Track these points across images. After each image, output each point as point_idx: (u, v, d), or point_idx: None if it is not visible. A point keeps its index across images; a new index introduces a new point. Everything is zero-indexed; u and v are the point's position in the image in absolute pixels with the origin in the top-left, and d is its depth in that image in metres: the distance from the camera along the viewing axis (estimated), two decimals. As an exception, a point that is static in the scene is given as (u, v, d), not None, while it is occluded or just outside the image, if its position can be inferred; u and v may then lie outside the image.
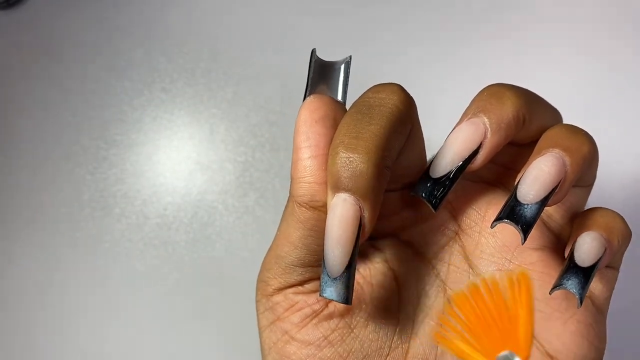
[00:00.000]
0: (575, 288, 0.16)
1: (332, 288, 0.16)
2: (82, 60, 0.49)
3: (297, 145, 0.17)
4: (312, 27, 0.48)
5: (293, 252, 0.18)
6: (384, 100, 0.16)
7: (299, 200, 0.17)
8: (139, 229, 0.44)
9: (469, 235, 0.19)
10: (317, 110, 0.17)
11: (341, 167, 0.15)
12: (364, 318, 0.19)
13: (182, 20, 0.49)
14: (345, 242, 0.16)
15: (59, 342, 0.43)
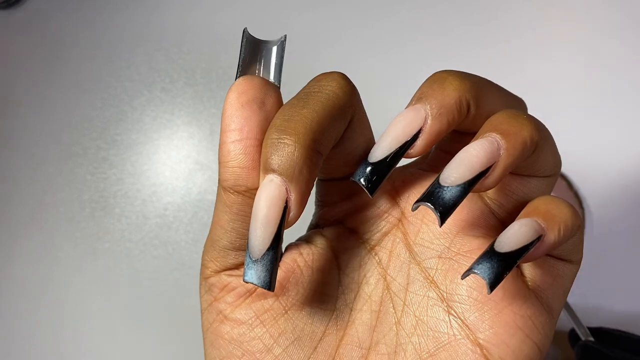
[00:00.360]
0: (486, 273, 0.15)
1: (253, 271, 0.16)
2: (82, 60, 0.49)
3: (222, 128, 0.17)
4: (313, 27, 0.48)
5: (224, 236, 0.18)
6: (322, 87, 0.16)
7: (224, 184, 0.17)
8: (139, 229, 0.44)
9: (411, 222, 0.19)
10: (245, 93, 0.16)
11: (271, 148, 0.15)
12: (299, 301, 0.19)
13: (182, 21, 0.49)
14: (268, 223, 0.15)
15: (59, 341, 0.43)
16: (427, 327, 0.18)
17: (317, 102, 0.16)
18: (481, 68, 0.46)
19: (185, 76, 0.48)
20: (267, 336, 0.18)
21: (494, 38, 0.47)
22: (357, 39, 0.48)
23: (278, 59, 0.18)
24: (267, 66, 0.18)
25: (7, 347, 0.43)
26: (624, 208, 0.42)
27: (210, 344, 0.20)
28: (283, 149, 0.15)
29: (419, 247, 0.19)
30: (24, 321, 0.43)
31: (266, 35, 0.20)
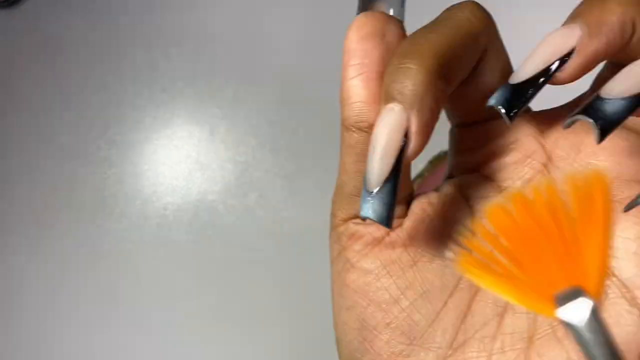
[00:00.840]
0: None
1: (369, 205, 0.15)
2: (81, 61, 0.49)
3: (344, 64, 0.15)
4: (313, 27, 0.48)
5: (349, 181, 0.17)
6: (454, 14, 0.15)
7: (346, 123, 0.16)
8: (139, 229, 0.44)
9: (559, 168, 0.17)
10: (364, 26, 0.15)
11: (391, 75, 0.14)
12: (430, 253, 0.17)
13: (182, 21, 0.49)
14: (385, 153, 0.14)
15: (58, 341, 0.43)
16: None
17: (446, 27, 0.15)
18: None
19: (185, 76, 0.48)
20: (393, 287, 0.17)
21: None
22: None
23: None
24: (391, 4, 0.17)
25: (6, 347, 0.43)
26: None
27: (337, 292, 0.18)
28: (404, 74, 0.14)
29: None
30: (24, 321, 0.43)
31: (266, 36, 0.20)
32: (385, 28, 0.16)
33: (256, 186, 0.45)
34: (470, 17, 0.15)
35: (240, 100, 0.47)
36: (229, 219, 0.44)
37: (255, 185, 0.45)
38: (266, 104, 0.46)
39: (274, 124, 0.46)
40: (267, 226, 0.44)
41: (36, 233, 0.45)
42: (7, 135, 0.47)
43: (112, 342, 0.43)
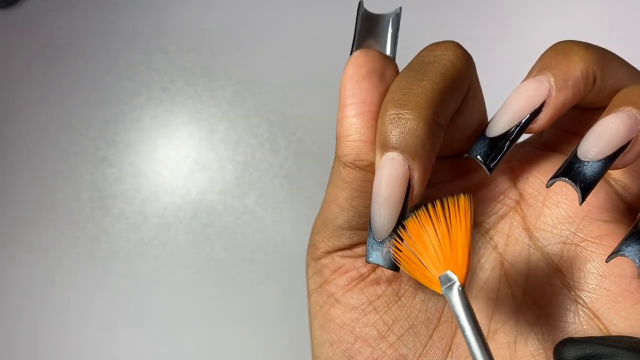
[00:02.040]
0: (636, 255, 0.14)
1: (378, 252, 0.15)
2: (81, 60, 0.49)
3: (343, 102, 0.16)
4: (312, 26, 0.48)
5: (340, 215, 0.17)
6: (438, 57, 0.15)
7: (344, 159, 0.16)
8: (138, 229, 0.44)
9: (530, 205, 0.18)
10: (364, 65, 0.16)
11: (390, 124, 0.15)
12: (413, 287, 0.18)
13: (181, 20, 0.49)
14: (393, 203, 0.15)
15: (58, 341, 0.43)
16: (551, 316, 0.17)
17: (436, 73, 0.15)
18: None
19: (184, 76, 0.48)
20: (380, 323, 0.17)
21: (494, 38, 0.47)
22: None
23: (393, 32, 0.17)
24: (383, 39, 0.17)
25: (6, 347, 0.43)
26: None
27: (319, 327, 0.18)
28: (405, 125, 0.14)
29: (540, 232, 0.18)
30: (23, 321, 0.43)
31: (266, 35, 0.20)
32: (384, 68, 0.16)
33: (256, 186, 0.45)
34: (454, 60, 0.15)
35: (240, 100, 0.47)
36: (228, 219, 0.44)
37: (255, 185, 0.45)
38: (266, 104, 0.46)
39: (274, 124, 0.46)
40: (266, 226, 0.44)
41: (34, 232, 0.45)
42: (6, 135, 0.47)
43: (111, 341, 0.43)
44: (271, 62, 0.47)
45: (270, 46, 0.48)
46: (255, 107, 0.46)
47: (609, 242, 0.17)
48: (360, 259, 0.18)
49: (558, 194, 0.17)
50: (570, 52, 0.15)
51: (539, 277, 0.18)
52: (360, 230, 0.18)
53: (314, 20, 0.48)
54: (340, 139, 0.16)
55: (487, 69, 0.46)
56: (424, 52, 0.16)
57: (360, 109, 0.16)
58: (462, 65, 0.16)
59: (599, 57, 0.15)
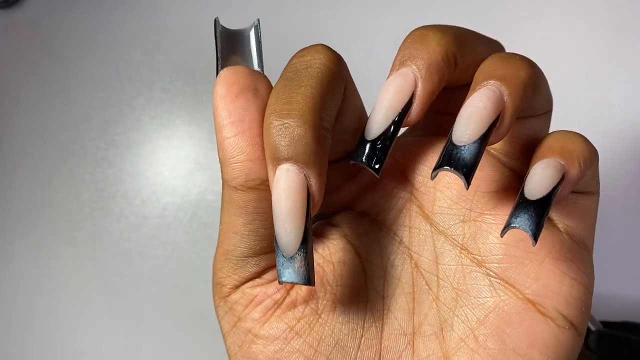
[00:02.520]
0: (527, 225, 0.14)
1: (291, 270, 0.15)
2: (81, 61, 0.49)
3: (220, 124, 0.15)
4: (312, 26, 0.48)
5: (241, 242, 0.16)
6: (310, 62, 0.15)
7: (234, 183, 0.15)
8: (138, 229, 0.44)
9: (423, 192, 0.18)
10: (235, 83, 0.15)
11: (277, 136, 0.14)
12: (330, 301, 0.17)
13: (181, 20, 0.49)
14: (295, 215, 0.14)
15: (57, 341, 0.43)
16: (469, 295, 0.17)
17: (312, 78, 0.15)
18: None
19: (184, 76, 0.48)
20: (306, 347, 0.17)
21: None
22: (372, 39, 0.48)
23: (257, 45, 0.17)
24: (248, 54, 0.17)
25: (6, 347, 0.43)
26: (624, 208, 0.42)
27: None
28: (292, 133, 0.14)
29: (438, 216, 0.18)
30: (23, 321, 0.43)
31: (265, 35, 0.20)
32: (255, 83, 0.16)
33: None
34: (326, 62, 0.15)
35: (240, 100, 0.47)
36: (228, 219, 0.44)
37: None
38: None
39: (273, 124, 0.46)
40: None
41: (34, 233, 0.45)
42: (6, 135, 0.47)
43: (110, 341, 0.43)
44: (271, 62, 0.47)
45: (270, 46, 0.48)
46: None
47: (504, 210, 0.17)
48: (271, 285, 0.17)
49: (446, 177, 0.18)
50: (426, 39, 0.15)
51: (448, 260, 0.18)
52: (266, 254, 0.17)
53: (314, 20, 0.48)
54: (225, 162, 0.15)
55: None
56: (294, 59, 0.16)
57: (240, 128, 0.15)
58: (335, 67, 0.16)
59: (455, 37, 0.16)
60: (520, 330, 0.16)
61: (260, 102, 0.15)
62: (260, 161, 0.15)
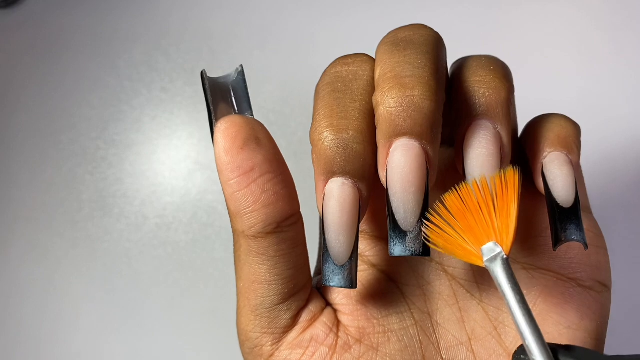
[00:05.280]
0: (578, 235, 0.15)
1: (340, 276, 0.15)
2: (81, 60, 0.49)
3: (227, 177, 0.15)
4: (312, 26, 0.48)
5: (269, 290, 0.16)
6: (357, 73, 0.16)
7: (252, 232, 0.15)
8: (138, 229, 0.44)
9: None
10: (237, 135, 0.15)
11: (334, 151, 0.15)
12: (381, 333, 0.17)
13: (181, 20, 0.49)
14: (350, 228, 0.15)
15: (57, 341, 0.43)
16: (496, 296, 0.18)
17: (363, 92, 0.16)
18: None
19: (184, 76, 0.48)
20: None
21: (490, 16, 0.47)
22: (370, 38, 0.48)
23: (244, 91, 0.17)
24: (238, 101, 0.17)
25: (5, 347, 0.43)
26: (624, 208, 0.42)
27: None
28: (351, 148, 0.15)
29: None
30: (23, 321, 0.43)
31: (266, 35, 0.20)
32: (255, 131, 0.16)
33: (256, 186, 0.45)
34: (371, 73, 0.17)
35: (240, 100, 0.47)
36: (228, 219, 0.44)
37: (255, 185, 0.45)
38: (266, 104, 0.46)
39: (273, 124, 0.46)
40: (266, 226, 0.44)
41: (34, 233, 0.45)
42: (6, 135, 0.47)
43: (110, 341, 0.43)
44: (271, 62, 0.47)
45: (270, 46, 0.48)
46: (255, 107, 0.46)
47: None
48: (316, 326, 0.17)
49: None
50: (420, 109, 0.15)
51: (477, 268, 0.18)
52: (294, 295, 0.17)
53: (314, 20, 0.48)
54: (238, 214, 0.15)
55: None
56: (336, 66, 0.17)
57: (252, 178, 0.15)
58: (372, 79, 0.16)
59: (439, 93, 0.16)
60: (569, 307, 0.17)
61: (264, 150, 0.16)
62: (274, 205, 0.15)
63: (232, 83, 0.17)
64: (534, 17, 0.47)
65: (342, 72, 0.16)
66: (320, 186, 0.15)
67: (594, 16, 0.47)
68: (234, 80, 0.17)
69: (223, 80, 0.17)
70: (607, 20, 0.47)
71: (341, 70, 0.16)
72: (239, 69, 0.17)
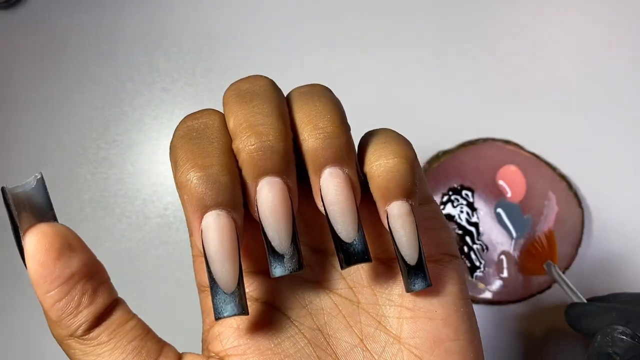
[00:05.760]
0: (425, 284, 0.17)
1: (233, 304, 0.16)
2: (82, 60, 0.49)
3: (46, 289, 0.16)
4: (312, 26, 0.48)
5: None
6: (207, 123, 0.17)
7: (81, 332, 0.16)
8: (140, 229, 0.44)
9: None
10: (51, 246, 0.16)
11: (204, 186, 0.15)
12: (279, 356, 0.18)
13: (182, 21, 0.49)
14: (233, 254, 0.16)
15: (59, 341, 0.43)
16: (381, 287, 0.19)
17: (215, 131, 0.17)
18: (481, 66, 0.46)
19: (185, 76, 0.48)
20: None
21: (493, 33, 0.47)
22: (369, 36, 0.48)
23: (44, 197, 0.17)
24: (39, 207, 0.17)
25: (6, 347, 0.43)
26: (624, 208, 0.42)
27: None
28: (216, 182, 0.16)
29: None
30: (23, 321, 0.43)
31: (266, 35, 0.20)
32: (66, 237, 0.16)
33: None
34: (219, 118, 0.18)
35: (241, 100, 0.47)
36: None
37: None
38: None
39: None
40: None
41: (36, 233, 0.45)
42: (7, 135, 0.47)
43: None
44: (271, 62, 0.48)
45: (271, 46, 0.48)
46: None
47: None
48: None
49: None
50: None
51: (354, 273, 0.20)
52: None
53: (315, 21, 0.48)
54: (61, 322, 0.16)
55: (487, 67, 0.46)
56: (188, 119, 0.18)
57: (69, 287, 0.16)
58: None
59: None
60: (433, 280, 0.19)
61: (78, 254, 0.16)
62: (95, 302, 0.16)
63: (32, 190, 0.17)
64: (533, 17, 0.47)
65: (193, 124, 0.17)
66: (195, 224, 0.16)
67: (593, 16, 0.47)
68: (33, 187, 0.17)
69: (22, 189, 0.17)
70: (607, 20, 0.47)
71: (192, 123, 0.17)
72: (37, 175, 0.17)
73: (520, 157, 0.42)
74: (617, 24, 0.47)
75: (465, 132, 0.43)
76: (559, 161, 0.42)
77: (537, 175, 0.41)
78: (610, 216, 0.42)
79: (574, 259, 0.40)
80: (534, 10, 0.48)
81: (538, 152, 0.42)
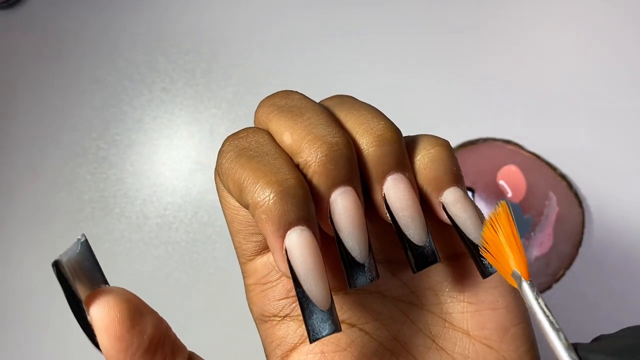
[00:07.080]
0: (492, 267, 0.17)
1: (330, 321, 0.15)
2: (82, 60, 0.49)
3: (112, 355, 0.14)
4: (312, 26, 0.48)
5: None
6: (259, 140, 0.17)
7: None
8: (139, 229, 0.44)
9: None
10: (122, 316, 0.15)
11: (284, 202, 0.15)
12: None
13: (182, 21, 0.49)
14: (322, 271, 0.15)
15: (57, 341, 0.43)
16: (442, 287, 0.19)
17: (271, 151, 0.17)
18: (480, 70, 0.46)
19: (185, 76, 0.48)
20: None
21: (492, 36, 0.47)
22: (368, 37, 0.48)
23: (94, 261, 0.15)
24: (91, 274, 0.15)
25: (6, 347, 0.43)
26: (624, 208, 0.42)
27: None
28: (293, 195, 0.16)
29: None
30: (23, 321, 0.43)
31: (266, 35, 0.20)
32: (131, 302, 0.15)
33: (256, 186, 0.45)
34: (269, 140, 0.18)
35: (241, 100, 0.47)
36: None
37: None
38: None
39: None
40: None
41: (36, 233, 0.45)
42: (7, 135, 0.47)
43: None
44: (271, 62, 0.48)
45: (271, 46, 0.48)
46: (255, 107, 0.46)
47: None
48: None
49: None
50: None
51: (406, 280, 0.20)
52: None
53: (315, 21, 0.48)
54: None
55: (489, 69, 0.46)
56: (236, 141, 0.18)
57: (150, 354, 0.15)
58: None
59: None
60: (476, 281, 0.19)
61: (148, 316, 0.16)
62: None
63: (79, 256, 0.15)
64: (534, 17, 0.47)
65: (243, 144, 0.17)
66: (278, 244, 0.15)
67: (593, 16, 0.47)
68: (79, 252, 0.15)
69: (69, 256, 0.15)
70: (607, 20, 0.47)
71: (241, 143, 0.17)
72: (81, 238, 0.15)
73: (520, 157, 0.42)
74: (618, 24, 0.47)
75: (465, 132, 0.43)
76: (559, 161, 0.42)
77: (538, 175, 0.41)
78: (610, 216, 0.42)
79: (574, 258, 0.40)
80: (535, 10, 0.48)
81: (538, 152, 0.42)
